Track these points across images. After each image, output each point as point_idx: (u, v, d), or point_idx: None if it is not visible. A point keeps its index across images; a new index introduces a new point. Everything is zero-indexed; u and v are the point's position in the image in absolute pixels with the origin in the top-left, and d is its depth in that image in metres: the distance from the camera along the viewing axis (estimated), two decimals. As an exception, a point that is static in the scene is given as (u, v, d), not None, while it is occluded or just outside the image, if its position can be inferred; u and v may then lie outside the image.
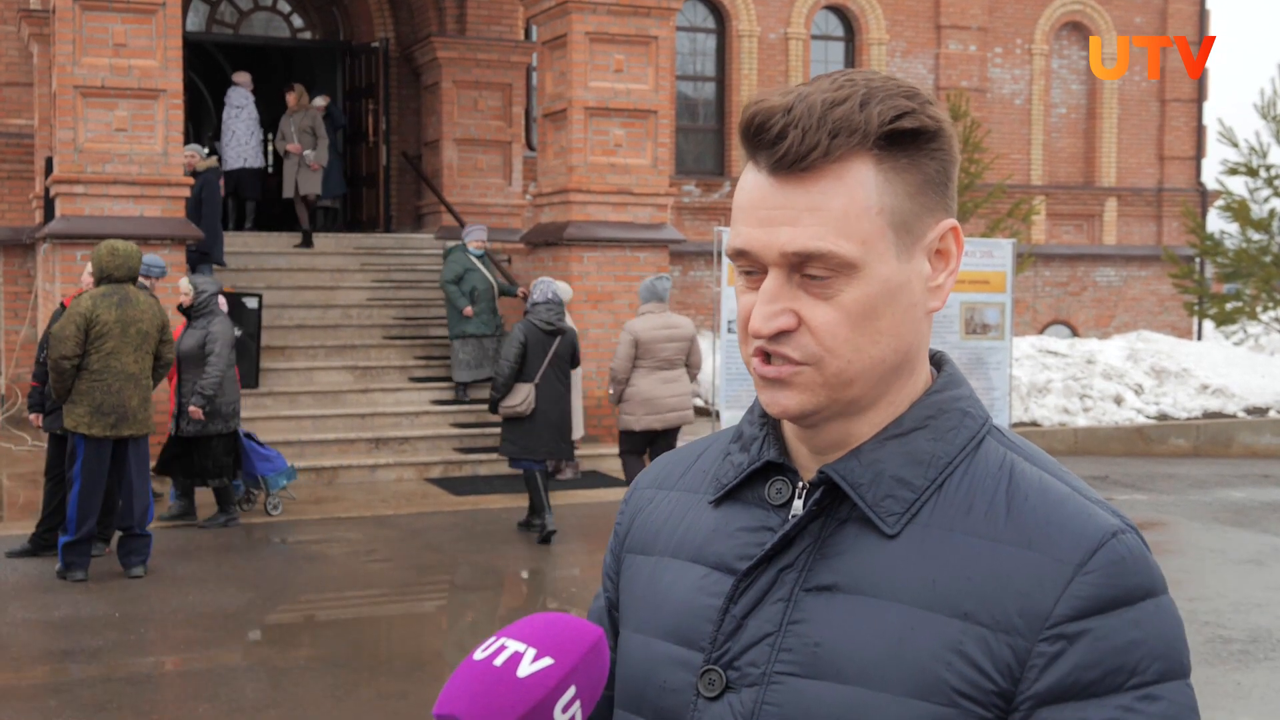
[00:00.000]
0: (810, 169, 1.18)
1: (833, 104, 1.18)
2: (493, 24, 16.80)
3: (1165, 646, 1.17)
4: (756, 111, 1.20)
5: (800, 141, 1.17)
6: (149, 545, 8.55)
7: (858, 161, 1.19)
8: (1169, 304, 22.92)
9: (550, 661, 1.15)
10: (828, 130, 1.17)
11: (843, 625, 1.20)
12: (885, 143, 1.19)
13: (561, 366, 9.61)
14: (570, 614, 1.22)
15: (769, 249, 1.20)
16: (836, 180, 1.18)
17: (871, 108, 1.18)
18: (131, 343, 8.24)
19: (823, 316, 1.20)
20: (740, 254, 1.22)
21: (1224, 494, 12.42)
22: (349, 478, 12.02)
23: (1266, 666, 6.76)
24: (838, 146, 1.17)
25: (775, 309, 1.20)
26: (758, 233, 1.20)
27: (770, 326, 1.20)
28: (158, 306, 8.51)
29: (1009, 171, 21.33)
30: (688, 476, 1.41)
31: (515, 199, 17.02)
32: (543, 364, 9.48)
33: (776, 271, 1.20)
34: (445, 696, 1.15)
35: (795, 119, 1.18)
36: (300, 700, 6.21)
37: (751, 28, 20.33)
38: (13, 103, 16.76)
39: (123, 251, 8.34)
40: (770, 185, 1.20)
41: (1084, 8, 22.41)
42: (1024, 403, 15.52)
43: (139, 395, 8.28)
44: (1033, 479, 1.23)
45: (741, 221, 1.22)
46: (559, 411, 9.59)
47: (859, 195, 1.18)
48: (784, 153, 1.18)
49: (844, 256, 1.18)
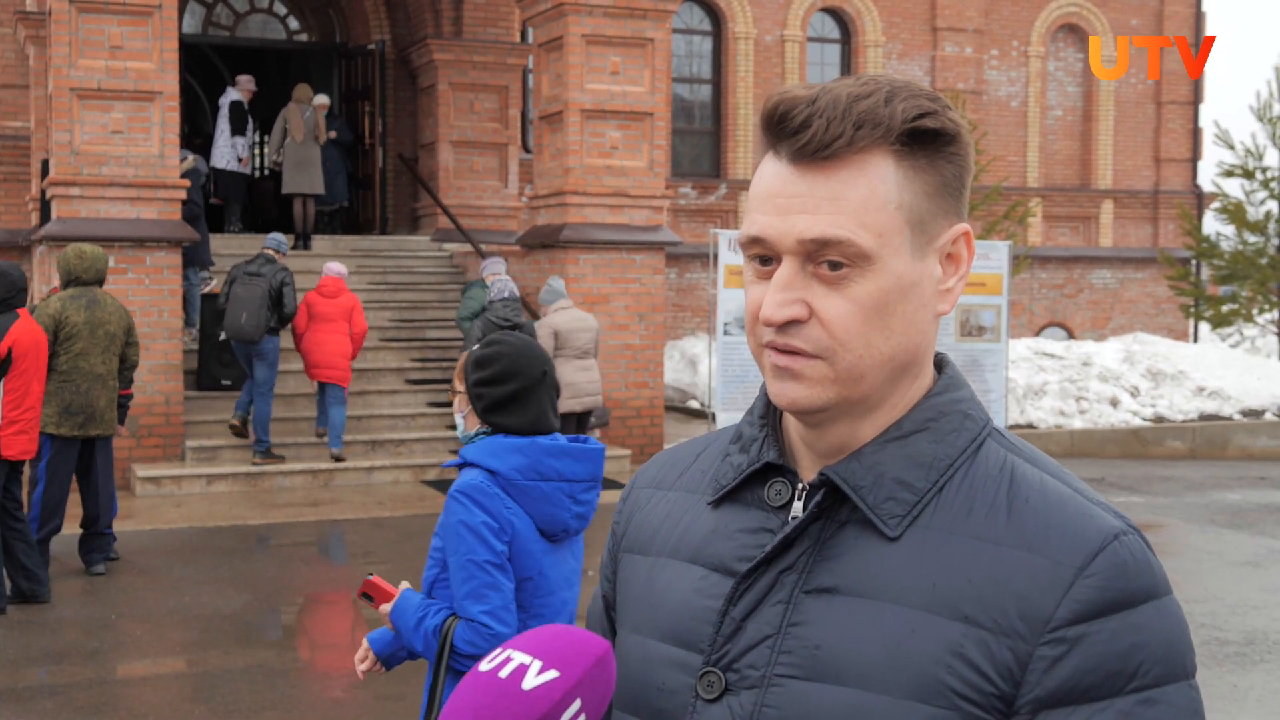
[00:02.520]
0: (832, 158, 1.19)
1: (858, 97, 1.19)
2: (489, 26, 16.80)
3: (1166, 649, 1.16)
4: (781, 101, 1.21)
5: (825, 130, 1.18)
6: (111, 544, 8.68)
7: (879, 156, 1.19)
8: (1165, 306, 22.94)
9: (556, 674, 1.14)
10: (852, 121, 1.18)
11: (843, 628, 1.20)
12: (906, 140, 1.19)
13: None
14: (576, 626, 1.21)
15: (785, 236, 1.19)
16: (858, 171, 1.19)
17: (895, 104, 1.19)
18: (100, 344, 8.30)
19: (835, 308, 1.19)
20: (755, 241, 1.22)
21: (1220, 496, 12.43)
22: (345, 480, 12.01)
23: (1263, 668, 6.76)
24: (861, 138, 1.18)
25: (788, 297, 1.20)
26: (775, 220, 1.20)
27: (782, 314, 1.19)
28: (124, 309, 8.57)
29: (1005, 174, 21.35)
30: (686, 476, 1.40)
31: (511, 201, 17.02)
32: None
33: (791, 260, 1.20)
34: (450, 707, 1.14)
35: (820, 109, 1.19)
36: (296, 703, 6.20)
37: (748, 30, 20.34)
38: (9, 105, 16.75)
39: (90, 254, 8.46)
40: (790, 173, 1.20)
41: (1080, 9, 22.43)
42: (1020, 405, 15.53)
43: (106, 396, 8.36)
44: (1033, 481, 1.23)
45: (758, 210, 1.22)
46: None
47: (879, 188, 1.19)
48: (807, 141, 1.18)
49: (861, 246, 1.18)
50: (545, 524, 3.17)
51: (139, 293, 11.68)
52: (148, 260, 11.80)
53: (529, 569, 3.16)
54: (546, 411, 3.20)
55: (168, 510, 10.76)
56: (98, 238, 11.43)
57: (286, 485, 11.77)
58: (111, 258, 11.50)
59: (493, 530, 3.08)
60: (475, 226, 16.16)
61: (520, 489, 3.13)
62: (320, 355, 11.58)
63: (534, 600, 3.19)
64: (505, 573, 3.11)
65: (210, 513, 10.67)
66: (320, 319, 11.67)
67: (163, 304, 11.83)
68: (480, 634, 3.06)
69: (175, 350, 11.92)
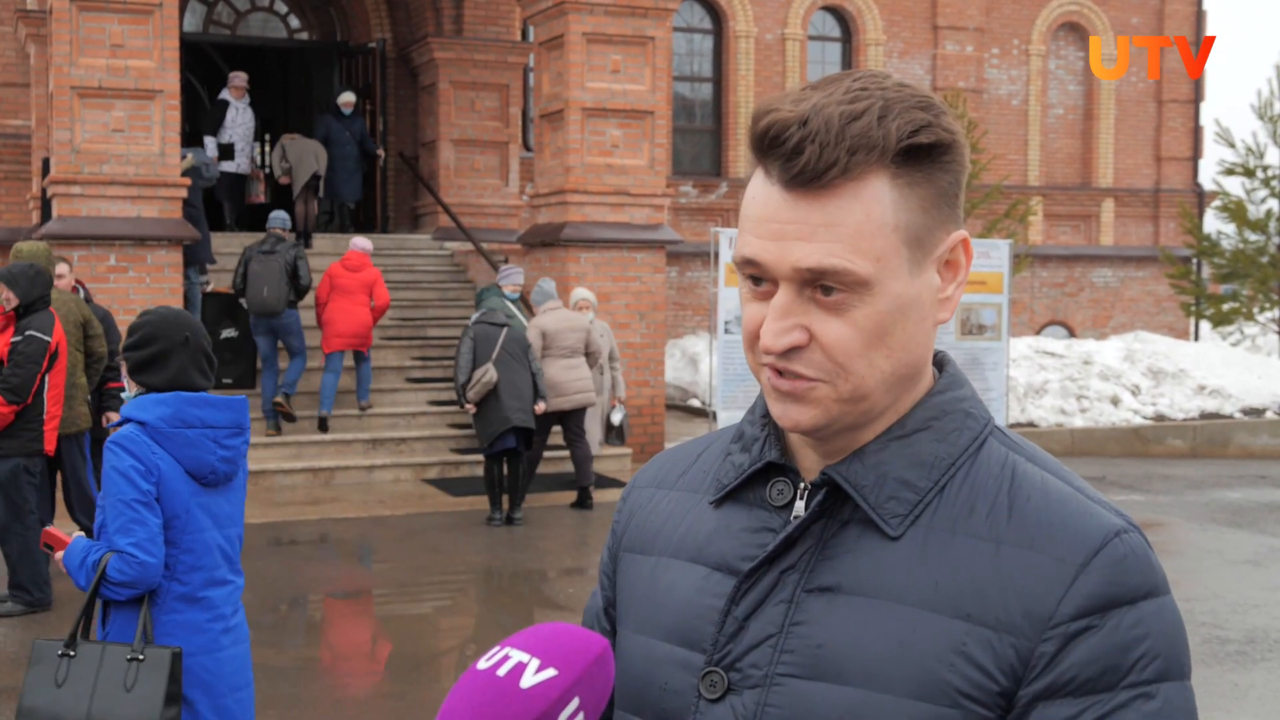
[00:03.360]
0: (827, 186, 1.16)
1: (851, 118, 1.15)
2: (490, 25, 16.80)
3: (1166, 646, 1.17)
4: (771, 123, 1.17)
5: (818, 158, 1.15)
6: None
7: (874, 177, 1.16)
8: (1166, 305, 22.93)
9: (554, 673, 1.14)
10: (846, 147, 1.14)
11: (845, 627, 1.20)
12: (902, 158, 1.17)
13: (513, 352, 10.24)
14: (575, 624, 1.21)
15: (781, 264, 1.18)
16: (853, 197, 1.16)
17: (889, 122, 1.16)
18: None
19: (835, 333, 1.18)
20: (749, 263, 1.20)
21: (1221, 495, 12.43)
22: (346, 478, 12.02)
23: (1264, 667, 6.76)
24: (856, 164, 1.15)
25: (786, 324, 1.18)
26: (770, 246, 1.18)
27: (781, 343, 1.18)
28: (76, 302, 8.41)
29: (1006, 172, 21.34)
30: (687, 476, 1.40)
31: (512, 200, 17.02)
32: (493, 352, 10.16)
33: (788, 286, 1.18)
34: (448, 706, 1.14)
35: (812, 133, 1.15)
36: (298, 701, 6.21)
37: (749, 28, 20.33)
38: (10, 103, 16.76)
39: (27, 253, 8.30)
40: (783, 199, 1.18)
41: (1081, 8, 22.43)
42: (1021, 403, 15.53)
43: (76, 393, 8.25)
44: (1035, 479, 1.23)
45: (751, 232, 1.20)
46: (521, 384, 10.20)
47: (875, 212, 1.16)
48: (800, 168, 1.15)
49: (858, 274, 1.16)
50: (192, 467, 3.63)
51: (140, 291, 11.68)
52: (148, 259, 11.80)
53: (176, 508, 3.62)
54: (188, 370, 3.68)
55: (169, 509, 10.75)
56: (98, 236, 11.44)
57: (287, 484, 11.78)
58: (112, 256, 11.55)
59: (139, 472, 3.54)
60: (476, 225, 16.16)
61: (166, 435, 3.59)
62: (343, 325, 12.12)
63: (183, 537, 3.64)
64: (152, 510, 3.56)
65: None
66: (341, 291, 12.21)
67: (164, 302, 11.82)
68: (129, 563, 3.51)
69: (176, 349, 11.90)
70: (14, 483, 7.40)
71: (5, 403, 7.21)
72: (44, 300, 7.45)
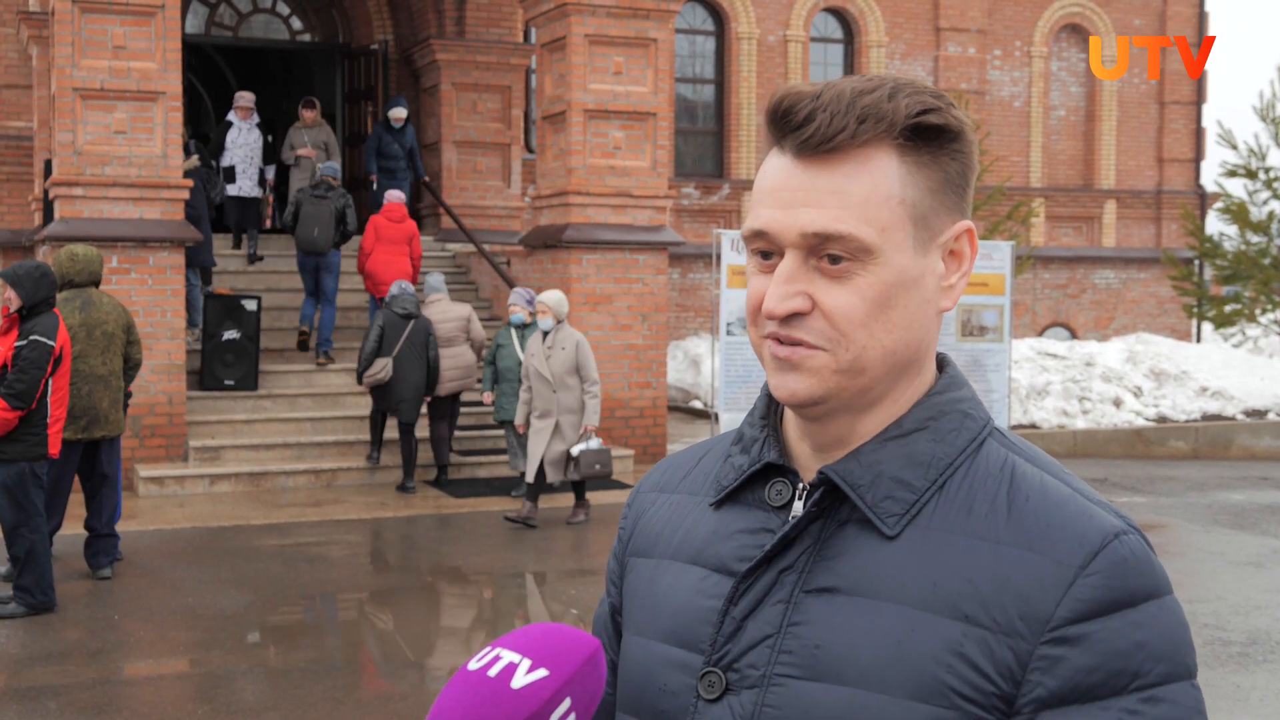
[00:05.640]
0: (835, 151, 1.19)
1: (862, 92, 1.20)
2: (492, 26, 16.81)
3: (1169, 648, 1.16)
4: (785, 95, 1.22)
5: (828, 124, 1.19)
6: (116, 545, 8.64)
7: (882, 150, 1.20)
8: (1168, 306, 22.92)
9: (545, 673, 1.14)
10: (855, 115, 1.19)
11: (843, 627, 1.20)
12: (910, 135, 1.20)
13: (416, 345, 11.34)
14: (566, 624, 1.21)
15: (789, 229, 1.20)
16: (861, 166, 1.20)
17: (899, 99, 1.20)
18: (98, 345, 8.29)
19: (837, 300, 1.20)
20: (758, 235, 1.23)
21: (1223, 496, 12.42)
22: (348, 480, 12.02)
23: (1266, 669, 6.75)
24: (864, 132, 1.19)
25: (791, 290, 1.20)
26: (778, 213, 1.21)
27: (784, 307, 1.20)
28: (122, 308, 8.54)
29: (1008, 174, 21.34)
30: (689, 479, 1.40)
31: (514, 201, 17.02)
32: (398, 343, 11.29)
33: (793, 253, 1.21)
34: (439, 707, 1.13)
35: (824, 104, 1.20)
36: (299, 702, 6.21)
37: (750, 30, 20.33)
38: (12, 105, 16.76)
39: (82, 256, 8.42)
40: (794, 167, 1.21)
41: (1083, 10, 22.42)
42: (1023, 405, 15.52)
43: (109, 397, 8.33)
44: (1034, 481, 1.23)
45: (762, 204, 1.23)
46: (416, 378, 11.36)
47: (882, 183, 1.20)
48: (810, 134, 1.19)
49: (863, 240, 1.19)
50: None
51: (142, 293, 11.69)
52: (151, 260, 11.80)
53: None
54: None
55: (171, 510, 10.77)
56: (100, 238, 11.44)
57: (289, 485, 11.79)
58: (115, 258, 11.55)
59: None
60: (478, 227, 16.16)
61: None
62: (387, 273, 13.05)
63: None
64: None
65: (213, 513, 10.69)
66: (385, 241, 13.28)
67: (166, 304, 11.84)
68: None
69: (179, 350, 11.93)
70: (20, 486, 7.41)
71: (10, 408, 7.22)
72: (48, 302, 7.46)
